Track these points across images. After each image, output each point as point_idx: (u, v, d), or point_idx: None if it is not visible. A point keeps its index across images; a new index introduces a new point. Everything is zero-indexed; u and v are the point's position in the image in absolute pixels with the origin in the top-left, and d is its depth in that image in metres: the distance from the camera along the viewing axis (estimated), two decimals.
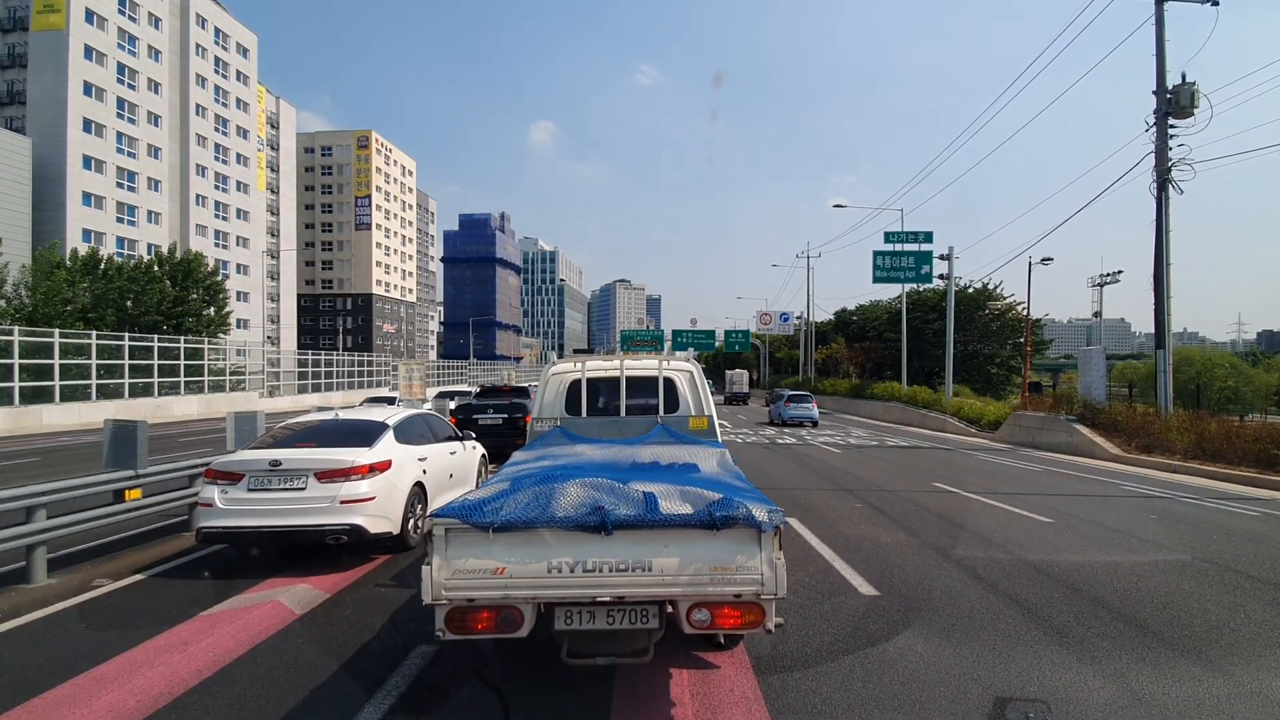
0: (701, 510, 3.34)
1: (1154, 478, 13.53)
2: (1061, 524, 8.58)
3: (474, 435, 9.90)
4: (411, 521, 6.89)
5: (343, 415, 7.75)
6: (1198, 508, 10.11)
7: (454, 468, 8.37)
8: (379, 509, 6.36)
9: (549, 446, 5.66)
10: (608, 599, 3.28)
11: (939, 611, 5.11)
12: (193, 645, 4.45)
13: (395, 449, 6.90)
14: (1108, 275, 52.53)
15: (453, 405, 24.87)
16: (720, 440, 6.32)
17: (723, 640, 4.29)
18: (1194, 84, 18.27)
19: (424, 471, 7.32)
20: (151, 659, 4.25)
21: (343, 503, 6.14)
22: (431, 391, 30.17)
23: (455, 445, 8.65)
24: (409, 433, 7.43)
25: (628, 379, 6.72)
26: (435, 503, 7.42)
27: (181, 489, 7.55)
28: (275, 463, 6.18)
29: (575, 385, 6.75)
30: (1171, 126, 18.59)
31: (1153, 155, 18.64)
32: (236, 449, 7.90)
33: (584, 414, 6.61)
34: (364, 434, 6.90)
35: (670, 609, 3.38)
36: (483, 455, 9.77)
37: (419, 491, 7.14)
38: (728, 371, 55.59)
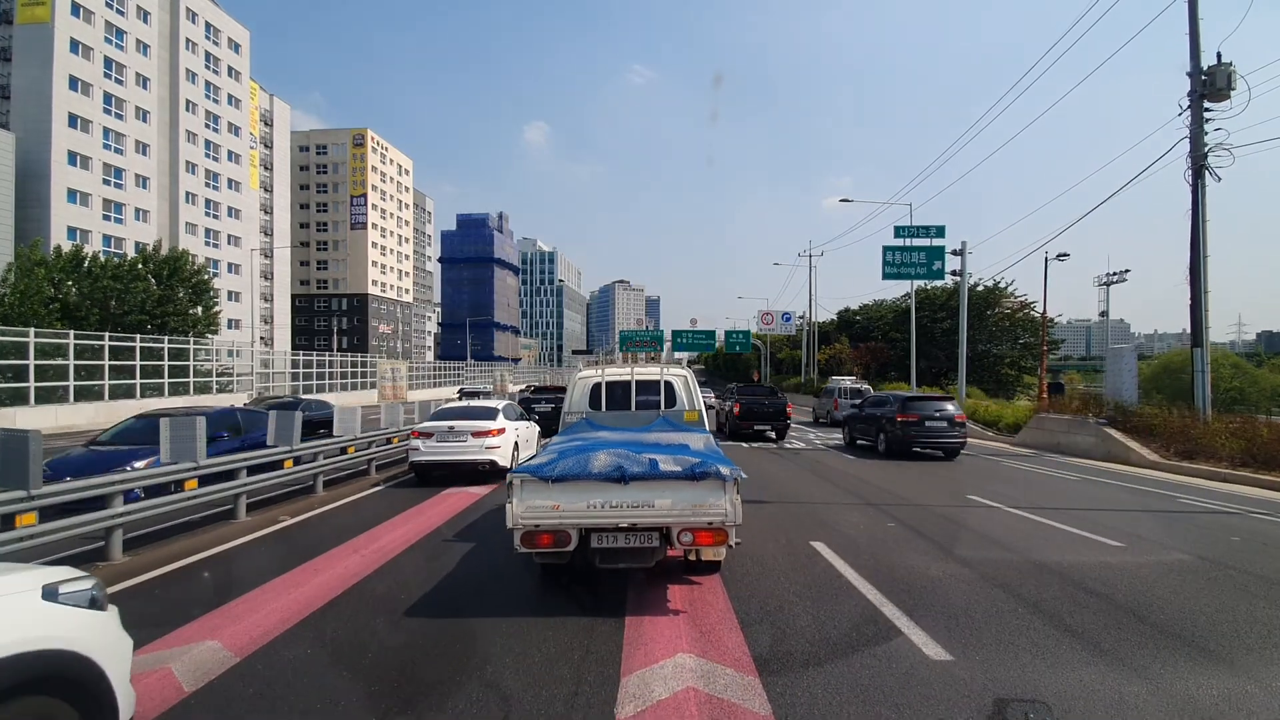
0: (687, 468, 4.97)
1: (1207, 488, 12.24)
2: (1134, 548, 7.33)
3: (535, 417, 16.07)
4: (513, 463, 11.57)
5: (472, 403, 13.81)
6: None
7: (528, 436, 13.80)
8: (503, 453, 11.81)
9: (578, 433, 7.20)
10: (626, 525, 4.93)
11: (1033, 683, 3.86)
12: None
13: (504, 421, 12.27)
14: (1114, 274, 51.31)
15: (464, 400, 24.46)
16: (707, 428, 7.86)
17: (698, 558, 5.90)
18: (1230, 64, 16.98)
19: (517, 435, 12.63)
20: None
21: (487, 448, 11.64)
22: (428, 394, 29.07)
23: (526, 423, 13.87)
24: (509, 414, 12.86)
25: (637, 382, 8.60)
26: (521, 456, 12.52)
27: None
28: (451, 427, 11.73)
29: (597, 386, 8.66)
30: (1207, 110, 17.36)
31: (1187, 141, 17.38)
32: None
33: (603, 409, 8.45)
34: (489, 413, 12.38)
35: (667, 532, 5.00)
36: (539, 430, 15.27)
37: (516, 445, 12.43)
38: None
